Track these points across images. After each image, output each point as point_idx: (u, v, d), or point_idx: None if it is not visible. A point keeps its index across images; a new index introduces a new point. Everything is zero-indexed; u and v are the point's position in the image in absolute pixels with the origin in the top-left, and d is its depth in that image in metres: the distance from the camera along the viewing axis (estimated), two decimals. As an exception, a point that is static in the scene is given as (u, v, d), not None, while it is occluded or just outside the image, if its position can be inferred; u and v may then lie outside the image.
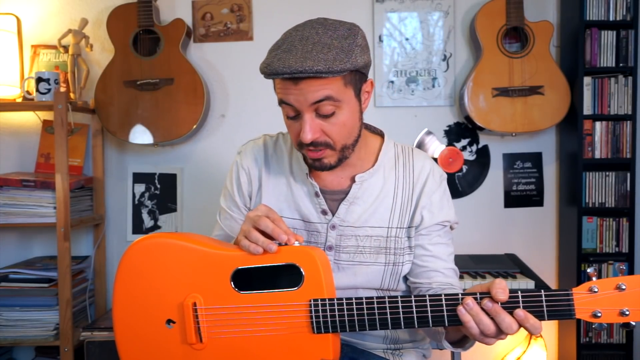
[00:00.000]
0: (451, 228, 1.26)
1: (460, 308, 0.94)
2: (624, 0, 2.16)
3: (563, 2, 2.36)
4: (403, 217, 1.21)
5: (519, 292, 0.94)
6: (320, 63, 1.01)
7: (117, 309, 1.12)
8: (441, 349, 1.52)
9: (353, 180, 1.20)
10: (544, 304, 0.92)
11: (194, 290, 1.08)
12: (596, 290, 0.92)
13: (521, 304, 0.93)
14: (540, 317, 0.93)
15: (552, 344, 2.41)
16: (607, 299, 0.92)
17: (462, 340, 1.09)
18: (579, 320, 2.19)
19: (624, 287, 0.91)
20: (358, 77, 1.12)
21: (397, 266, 1.20)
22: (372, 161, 1.23)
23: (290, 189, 1.23)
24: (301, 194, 1.22)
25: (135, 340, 1.11)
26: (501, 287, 0.92)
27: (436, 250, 1.21)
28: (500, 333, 0.93)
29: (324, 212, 1.20)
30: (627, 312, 0.91)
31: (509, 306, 0.93)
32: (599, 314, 0.91)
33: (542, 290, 0.93)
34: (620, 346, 2.20)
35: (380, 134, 1.28)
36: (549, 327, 2.41)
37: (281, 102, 1.10)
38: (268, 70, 1.05)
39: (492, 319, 0.92)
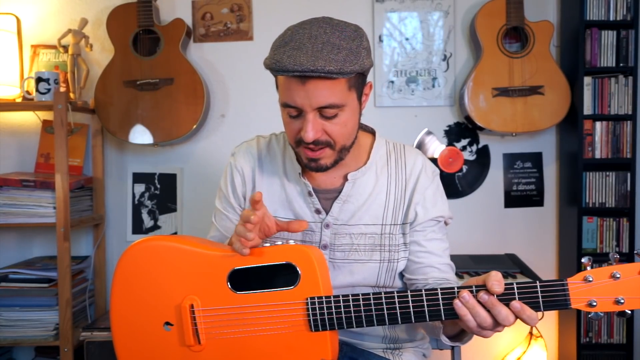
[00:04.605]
0: (445, 223, 1.27)
1: (456, 301, 0.94)
2: (624, 0, 2.16)
3: (563, 2, 2.36)
4: (396, 213, 1.21)
5: (515, 283, 0.94)
6: (332, 63, 1.01)
7: (115, 313, 1.13)
8: (441, 349, 1.52)
9: (345, 179, 1.21)
10: (540, 294, 0.93)
11: (191, 292, 1.08)
12: (591, 279, 0.92)
13: (517, 296, 0.93)
14: (536, 307, 0.93)
15: (553, 344, 2.41)
16: (602, 287, 0.92)
17: (460, 334, 1.09)
18: (579, 320, 2.19)
19: (618, 275, 0.91)
20: (361, 80, 1.12)
21: (392, 263, 1.21)
22: (364, 159, 1.23)
23: (284, 189, 1.24)
24: (294, 194, 1.23)
25: (133, 344, 1.11)
26: (497, 280, 0.93)
27: (431, 246, 1.22)
28: (497, 325, 0.94)
29: (317, 211, 1.21)
30: (623, 301, 0.91)
31: (505, 298, 0.93)
32: (595, 303, 0.92)
33: (537, 281, 0.94)
34: (620, 346, 2.20)
35: (372, 132, 1.29)
36: (549, 327, 2.41)
37: (285, 106, 1.09)
38: (277, 67, 1.04)
39: (488, 311, 0.93)
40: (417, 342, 1.31)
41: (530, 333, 2.27)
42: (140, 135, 2.26)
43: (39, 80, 2.16)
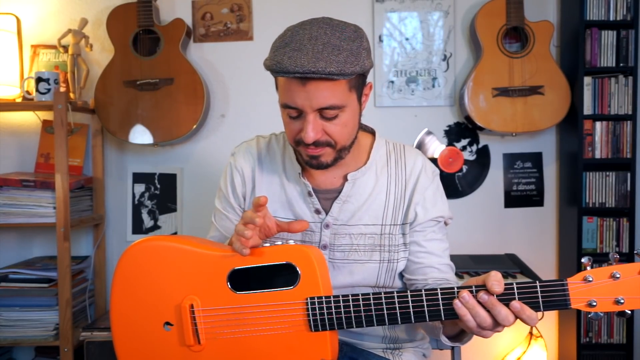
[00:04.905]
0: (445, 224, 1.27)
1: (456, 302, 0.94)
2: (624, 0, 2.16)
3: (563, 2, 2.36)
4: (396, 213, 1.21)
5: (514, 283, 0.94)
6: (333, 65, 1.01)
7: (115, 313, 1.13)
8: (441, 349, 1.52)
9: (345, 179, 1.21)
10: (539, 294, 0.93)
11: (191, 292, 1.08)
12: (591, 279, 0.92)
13: (516, 296, 0.93)
14: (535, 307, 0.93)
15: (553, 344, 2.41)
16: (601, 287, 0.92)
17: (460, 335, 1.09)
18: (579, 320, 2.19)
19: (618, 275, 0.91)
20: (361, 81, 1.13)
21: (392, 263, 1.21)
22: (364, 159, 1.23)
23: (284, 189, 1.24)
24: (294, 194, 1.23)
25: (133, 344, 1.12)
26: (496, 280, 0.93)
27: (431, 247, 1.22)
28: (497, 325, 0.94)
29: (317, 212, 1.21)
30: (623, 301, 0.91)
31: (505, 298, 0.93)
32: (594, 303, 0.92)
33: (537, 281, 0.94)
34: (620, 346, 2.20)
35: (371, 132, 1.29)
36: (549, 327, 2.41)
37: (285, 107, 1.10)
38: (277, 68, 1.03)
39: (488, 311, 0.93)
40: (417, 342, 1.31)
41: (530, 333, 2.27)
42: (140, 135, 2.26)
43: (39, 80, 2.16)
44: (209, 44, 2.45)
